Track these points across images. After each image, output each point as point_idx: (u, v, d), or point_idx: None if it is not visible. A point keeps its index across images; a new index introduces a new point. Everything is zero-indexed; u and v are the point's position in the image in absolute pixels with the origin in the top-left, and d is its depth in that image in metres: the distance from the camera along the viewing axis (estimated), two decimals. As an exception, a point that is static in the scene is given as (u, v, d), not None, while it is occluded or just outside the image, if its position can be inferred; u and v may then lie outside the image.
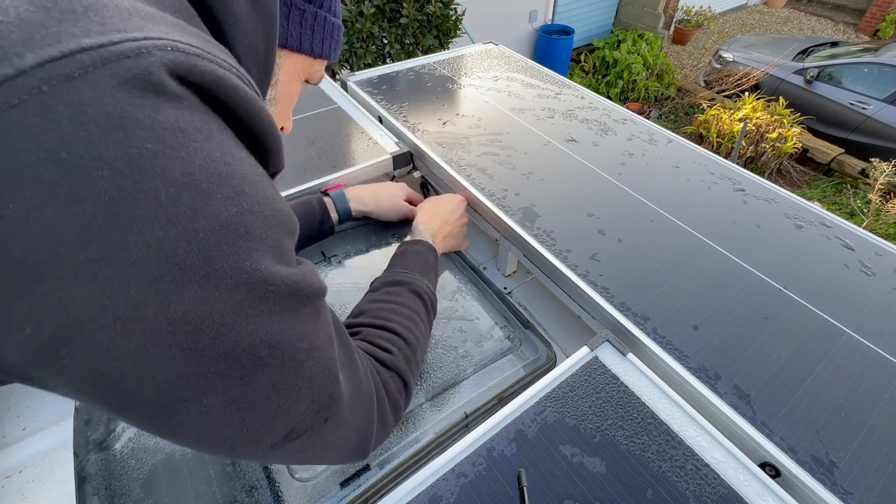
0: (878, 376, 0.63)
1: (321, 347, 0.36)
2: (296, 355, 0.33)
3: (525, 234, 0.82)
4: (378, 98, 1.20)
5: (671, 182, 0.95)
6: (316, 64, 0.51)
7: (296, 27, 0.46)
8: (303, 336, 0.33)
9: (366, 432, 0.45)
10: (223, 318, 0.27)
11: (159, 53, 0.24)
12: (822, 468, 0.54)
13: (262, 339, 0.30)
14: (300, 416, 0.35)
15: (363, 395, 0.44)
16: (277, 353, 0.31)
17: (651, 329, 0.67)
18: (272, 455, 0.36)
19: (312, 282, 0.34)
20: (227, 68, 0.28)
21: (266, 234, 0.29)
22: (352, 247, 0.89)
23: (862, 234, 0.86)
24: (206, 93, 0.27)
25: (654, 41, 5.52)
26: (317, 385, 0.36)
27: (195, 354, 0.27)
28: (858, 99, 4.18)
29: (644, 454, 0.54)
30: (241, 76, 0.30)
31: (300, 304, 0.33)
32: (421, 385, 0.67)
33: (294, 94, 0.52)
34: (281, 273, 0.30)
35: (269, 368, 0.31)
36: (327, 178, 0.94)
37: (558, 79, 1.32)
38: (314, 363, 0.35)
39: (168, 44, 0.25)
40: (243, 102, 0.29)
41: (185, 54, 0.25)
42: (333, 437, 0.40)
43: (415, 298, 0.63)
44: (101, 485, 0.59)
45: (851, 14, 7.44)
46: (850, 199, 3.92)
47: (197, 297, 0.26)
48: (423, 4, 2.93)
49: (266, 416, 0.33)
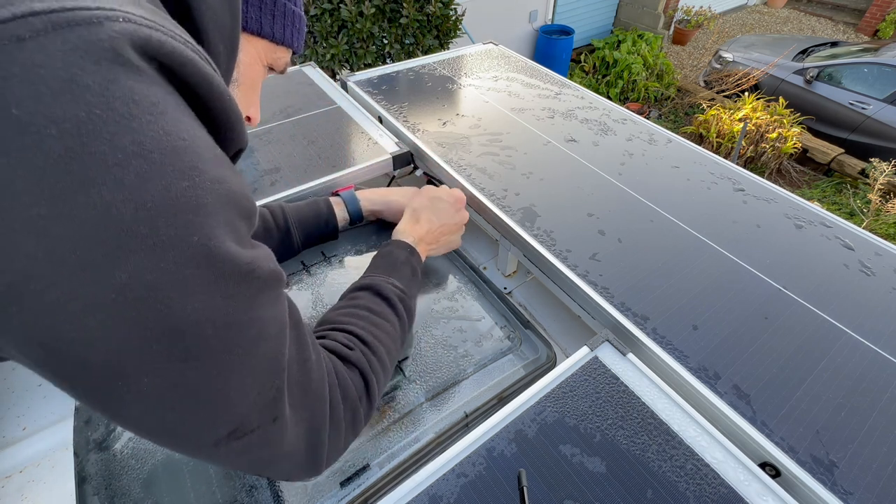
0: (878, 376, 0.63)
1: (270, 338, 0.35)
2: (242, 342, 0.32)
3: (525, 234, 0.82)
4: (378, 98, 1.20)
5: (671, 182, 0.95)
6: (278, 51, 0.51)
7: (255, 10, 0.47)
8: (251, 322, 0.33)
9: (316, 439, 0.42)
10: (168, 290, 0.27)
11: (110, 24, 0.24)
12: (822, 468, 0.54)
13: (208, 317, 0.29)
14: (246, 411, 0.34)
15: (314, 398, 0.42)
16: (223, 336, 0.31)
17: (651, 329, 0.67)
18: (216, 453, 0.35)
19: (265, 266, 0.33)
20: (182, 42, 0.28)
21: (218, 212, 0.29)
22: (352, 246, 0.89)
23: (862, 234, 0.86)
24: (164, 67, 0.27)
25: (654, 41, 5.52)
26: (263, 377, 0.34)
27: (138, 326, 0.27)
28: (858, 99, 4.18)
29: (644, 454, 0.54)
30: (196, 51, 0.30)
31: (252, 288, 0.32)
32: (421, 385, 0.67)
33: (256, 79, 0.51)
34: (231, 252, 0.30)
35: (214, 352, 0.30)
36: (327, 178, 0.94)
37: (558, 79, 1.32)
38: (261, 354, 0.34)
39: (120, 15, 0.25)
40: (200, 77, 0.29)
41: (139, 26, 0.26)
42: (282, 440, 0.38)
43: (375, 299, 0.60)
44: (101, 485, 0.59)
45: (851, 14, 7.44)
46: (849, 199, 3.92)
47: (142, 265, 0.26)
48: (423, 4, 2.93)
49: (209, 405, 0.32)
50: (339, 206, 0.84)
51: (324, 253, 0.87)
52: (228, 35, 0.39)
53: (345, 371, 0.48)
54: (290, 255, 0.81)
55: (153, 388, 0.29)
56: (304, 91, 1.24)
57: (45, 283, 0.24)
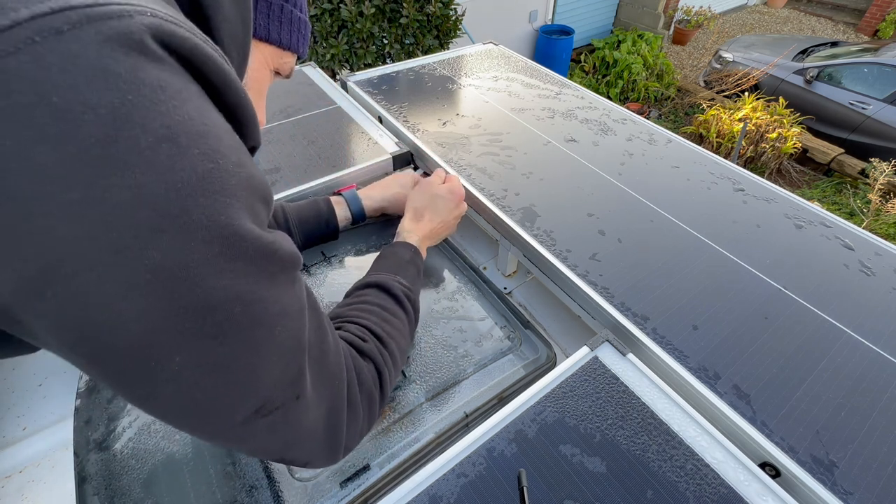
0: (878, 376, 0.63)
1: (292, 316, 0.36)
2: (267, 319, 0.33)
3: (525, 234, 0.82)
4: (378, 98, 1.20)
5: (671, 182, 0.95)
6: (285, 56, 0.52)
7: (263, 17, 0.48)
8: (275, 300, 0.34)
9: (336, 419, 0.44)
10: (198, 269, 0.28)
11: (139, 17, 0.26)
12: (822, 468, 0.54)
13: (236, 295, 0.30)
14: (271, 387, 0.35)
15: (332, 378, 0.43)
16: (249, 313, 0.32)
17: (651, 329, 0.67)
18: (243, 432, 0.36)
19: (286, 247, 0.35)
20: (203, 40, 0.30)
21: (240, 193, 0.30)
22: (352, 246, 0.89)
23: (862, 234, 0.86)
24: (185, 60, 0.28)
25: (654, 41, 5.52)
26: (287, 354, 0.36)
27: (171, 305, 0.27)
28: (858, 99, 4.18)
29: (644, 454, 0.54)
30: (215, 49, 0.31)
31: (274, 267, 0.33)
32: (421, 385, 0.67)
33: (263, 83, 0.53)
34: (255, 232, 0.31)
35: (241, 329, 0.31)
36: (327, 178, 0.94)
37: (558, 79, 1.32)
38: (285, 331, 0.35)
39: (148, 10, 0.26)
40: (220, 73, 0.30)
41: (165, 21, 0.27)
42: (304, 419, 0.39)
43: (383, 295, 0.62)
44: (101, 485, 0.59)
45: (851, 14, 7.44)
46: (849, 199, 3.92)
47: (174, 245, 0.27)
48: (423, 4, 2.93)
49: (237, 382, 0.33)
50: (340, 206, 0.84)
51: (324, 253, 0.87)
52: (241, 44, 0.40)
53: (360, 360, 0.50)
54: None
55: (184, 367, 0.30)
56: (304, 91, 1.24)
57: (80, 266, 0.25)
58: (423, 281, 0.83)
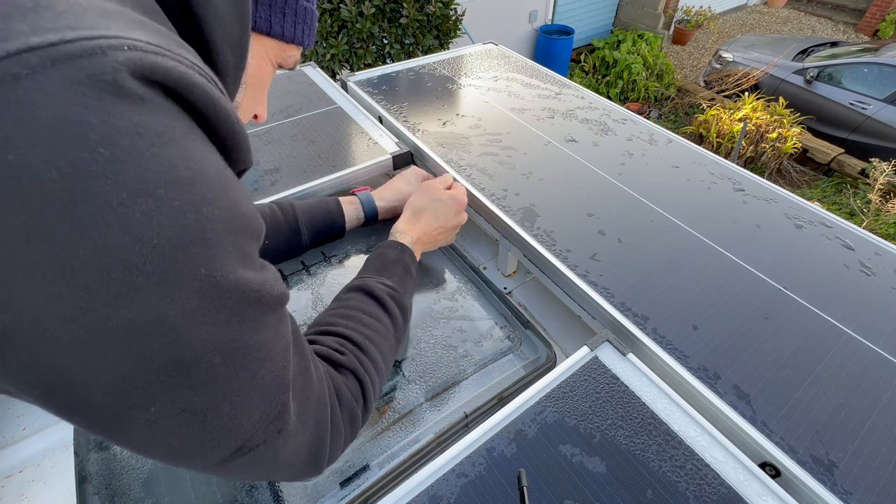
0: (878, 376, 0.63)
1: (276, 357, 0.35)
2: (249, 364, 0.32)
3: (525, 234, 0.82)
4: (378, 98, 1.20)
5: (671, 182, 0.95)
6: (288, 49, 0.50)
7: (265, 9, 0.45)
8: (259, 345, 0.33)
9: (319, 444, 0.43)
10: (175, 324, 0.27)
11: (114, 53, 0.23)
12: (822, 468, 0.54)
13: (215, 345, 0.29)
14: (252, 429, 0.34)
15: (316, 405, 0.42)
16: (230, 362, 0.31)
17: (651, 329, 0.67)
18: (221, 470, 0.35)
19: (273, 289, 0.34)
20: (189, 66, 0.28)
21: (227, 239, 0.29)
22: (352, 247, 0.89)
23: (862, 234, 0.86)
24: (171, 91, 0.26)
25: (654, 41, 5.52)
26: (270, 395, 0.35)
27: (144, 360, 0.26)
28: (858, 99, 4.18)
29: (644, 454, 0.54)
30: (204, 74, 0.29)
31: (258, 312, 0.32)
32: (421, 385, 0.67)
33: (265, 78, 0.50)
34: (240, 280, 0.30)
35: (222, 378, 0.31)
36: (327, 178, 0.94)
37: (558, 79, 1.32)
38: (268, 373, 0.34)
39: (125, 42, 0.24)
40: (207, 100, 0.28)
41: (145, 53, 0.25)
42: (286, 450, 0.38)
43: (364, 299, 0.60)
44: (101, 484, 0.59)
45: (851, 14, 7.44)
46: (850, 199, 3.92)
47: (148, 302, 0.25)
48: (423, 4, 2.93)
49: (217, 428, 0.32)
50: (352, 206, 0.84)
51: (324, 253, 0.87)
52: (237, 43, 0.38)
53: (338, 376, 0.48)
54: (298, 252, 0.82)
55: (160, 416, 0.29)
56: (304, 91, 1.24)
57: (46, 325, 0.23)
58: (423, 281, 0.83)
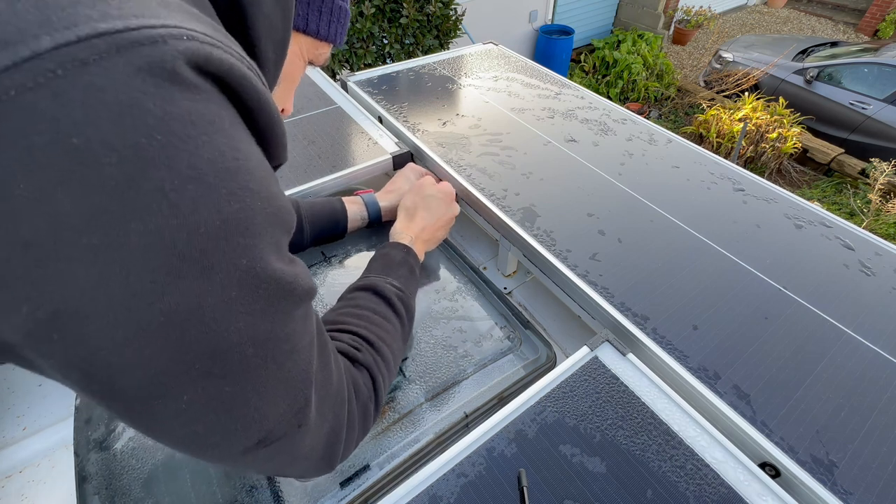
0: (878, 376, 0.63)
1: (302, 350, 0.36)
2: (278, 356, 0.33)
3: (525, 234, 0.82)
4: (378, 98, 1.20)
5: (671, 182, 0.95)
6: (321, 46, 0.50)
7: (303, 7, 0.46)
8: (288, 337, 0.33)
9: (335, 439, 0.43)
10: (213, 313, 0.27)
11: (174, 42, 0.24)
12: (822, 468, 0.54)
13: (249, 336, 0.30)
14: (276, 420, 0.35)
15: (334, 401, 0.43)
16: (261, 353, 0.31)
17: (651, 329, 0.67)
18: (242, 461, 0.36)
19: (305, 282, 0.34)
20: (238, 58, 0.28)
21: (266, 231, 0.30)
22: (352, 247, 0.89)
23: (862, 234, 0.86)
24: (222, 82, 0.27)
25: (654, 41, 5.52)
26: (294, 388, 0.35)
27: (182, 348, 0.27)
28: (858, 99, 4.18)
29: (644, 454, 0.54)
30: (250, 66, 0.30)
31: (291, 304, 0.33)
32: (421, 385, 0.67)
33: (297, 75, 0.52)
34: (276, 272, 0.31)
35: (252, 368, 0.31)
36: (327, 178, 0.94)
37: (558, 79, 1.32)
38: (294, 366, 0.35)
39: (185, 33, 0.25)
40: (254, 93, 0.29)
41: (201, 43, 0.25)
42: (304, 444, 0.39)
43: (374, 299, 0.61)
44: (101, 484, 0.59)
45: (851, 14, 7.44)
46: (850, 199, 3.92)
47: (190, 289, 0.26)
48: (423, 4, 2.93)
49: (243, 417, 0.32)
50: (356, 206, 0.85)
51: (324, 253, 0.87)
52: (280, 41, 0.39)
53: (356, 372, 0.49)
54: (297, 250, 0.82)
55: (190, 405, 0.29)
56: (304, 91, 1.24)
57: (92, 311, 0.24)
58: (423, 281, 0.83)
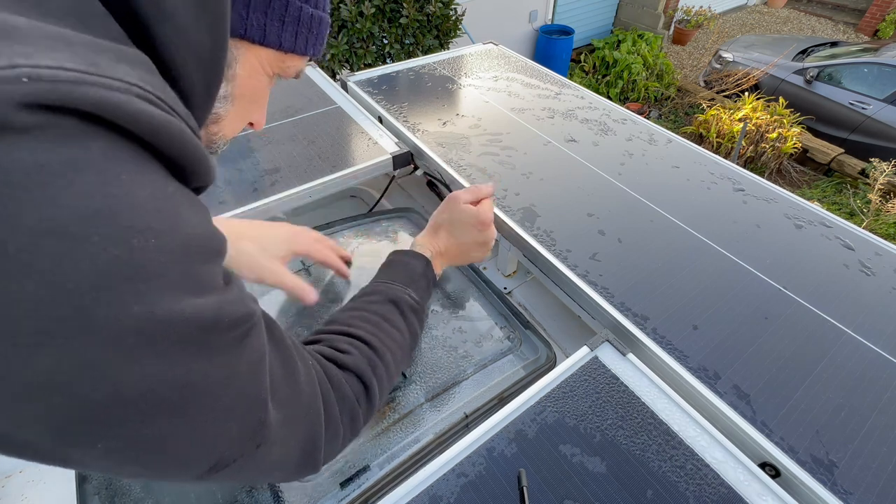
0: (878, 376, 0.63)
1: (245, 375, 0.33)
2: (212, 390, 0.30)
3: (525, 234, 0.82)
4: (378, 98, 1.20)
5: (671, 182, 0.95)
6: (288, 59, 0.45)
7: (259, 16, 0.40)
8: (218, 369, 0.30)
9: (311, 446, 0.41)
10: (107, 365, 0.25)
11: (3, 87, 0.20)
12: (822, 468, 0.54)
13: (162, 379, 0.27)
14: (226, 447, 0.33)
15: (306, 410, 0.41)
16: (187, 393, 0.29)
17: (651, 329, 0.67)
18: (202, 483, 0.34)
19: (234, 310, 0.31)
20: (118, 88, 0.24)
21: (168, 268, 0.26)
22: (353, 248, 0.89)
23: (862, 234, 0.86)
24: (86, 115, 0.23)
25: (654, 41, 5.52)
26: (242, 413, 0.33)
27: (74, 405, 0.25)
28: (858, 99, 4.18)
29: (644, 454, 0.54)
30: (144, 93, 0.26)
31: (217, 336, 0.30)
32: (421, 385, 0.67)
33: (260, 89, 0.46)
34: (185, 311, 0.27)
35: (179, 408, 0.29)
36: (327, 178, 0.94)
37: (558, 79, 1.32)
38: (236, 392, 0.32)
39: (24, 68, 0.21)
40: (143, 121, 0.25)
41: (48, 82, 0.22)
42: (270, 459, 0.37)
43: (389, 307, 0.59)
44: (101, 484, 0.59)
45: (851, 14, 7.44)
46: (849, 199, 3.92)
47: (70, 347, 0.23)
48: (423, 4, 2.93)
49: (181, 453, 0.30)
50: None
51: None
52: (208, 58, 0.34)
53: (340, 375, 0.48)
54: None
55: (110, 451, 0.27)
56: (304, 91, 1.24)
57: None
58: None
